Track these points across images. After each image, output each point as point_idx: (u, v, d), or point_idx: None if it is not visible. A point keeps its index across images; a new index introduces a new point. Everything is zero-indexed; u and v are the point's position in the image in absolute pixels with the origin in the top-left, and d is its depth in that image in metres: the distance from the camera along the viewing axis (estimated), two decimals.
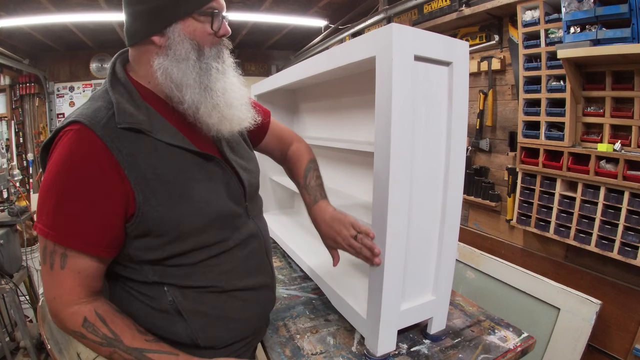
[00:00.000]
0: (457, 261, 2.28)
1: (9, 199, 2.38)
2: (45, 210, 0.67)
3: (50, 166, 0.67)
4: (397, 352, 1.03)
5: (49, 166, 0.68)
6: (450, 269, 1.07)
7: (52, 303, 0.70)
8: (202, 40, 0.74)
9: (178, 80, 0.72)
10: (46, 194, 0.67)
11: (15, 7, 2.83)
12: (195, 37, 0.73)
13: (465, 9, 2.18)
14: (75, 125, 0.67)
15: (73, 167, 0.66)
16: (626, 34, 1.45)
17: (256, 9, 3.27)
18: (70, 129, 0.67)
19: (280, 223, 2.01)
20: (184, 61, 0.72)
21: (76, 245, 0.67)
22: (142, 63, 0.75)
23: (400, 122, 0.85)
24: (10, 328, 2.24)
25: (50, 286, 0.69)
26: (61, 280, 0.68)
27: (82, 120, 0.67)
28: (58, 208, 0.66)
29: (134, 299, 0.77)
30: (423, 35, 0.87)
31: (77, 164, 0.66)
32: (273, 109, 2.02)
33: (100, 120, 0.68)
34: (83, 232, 0.67)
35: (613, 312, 1.71)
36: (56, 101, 4.33)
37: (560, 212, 1.84)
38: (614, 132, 1.66)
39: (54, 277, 0.68)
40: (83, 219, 0.67)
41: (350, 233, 0.92)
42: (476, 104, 2.35)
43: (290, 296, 1.39)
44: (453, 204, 1.01)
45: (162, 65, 0.72)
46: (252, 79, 4.30)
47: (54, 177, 0.66)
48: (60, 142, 0.67)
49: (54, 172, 0.66)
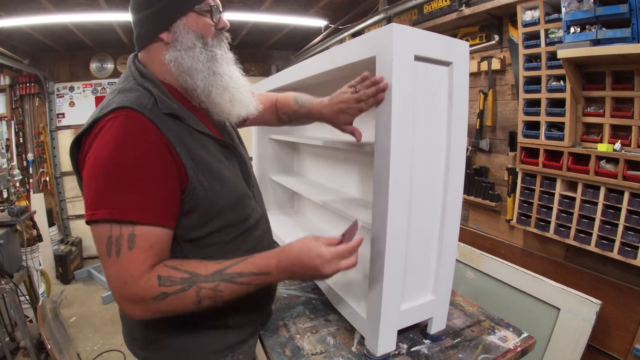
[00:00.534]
0: (457, 261, 2.28)
1: (9, 199, 2.38)
2: (108, 195, 0.67)
3: (100, 150, 0.68)
4: (397, 352, 1.03)
5: (97, 151, 0.68)
6: (450, 269, 1.07)
7: (125, 287, 0.67)
8: (204, 31, 0.81)
9: (188, 67, 0.79)
10: (105, 178, 0.67)
11: (15, 7, 2.83)
12: (197, 29, 0.80)
13: (465, 9, 2.18)
14: (122, 111, 0.70)
15: (132, 145, 0.68)
16: (626, 34, 1.45)
17: (256, 9, 3.26)
18: (118, 115, 0.69)
19: (280, 223, 2.01)
20: (191, 49, 0.79)
21: (148, 218, 0.68)
22: (154, 62, 0.81)
23: (401, 122, 0.85)
24: (10, 328, 2.24)
25: (118, 273, 0.67)
26: (131, 261, 0.67)
27: (130, 105, 0.70)
28: (122, 187, 0.67)
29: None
30: (423, 35, 0.88)
31: (135, 142, 0.68)
32: None
33: (146, 105, 0.73)
34: (153, 205, 0.68)
35: (613, 312, 1.71)
36: (56, 101, 4.32)
37: (560, 212, 1.84)
38: (614, 132, 1.66)
39: (122, 262, 0.67)
40: (150, 193, 0.68)
41: (350, 92, 0.91)
42: (476, 104, 2.35)
43: (290, 296, 1.39)
44: (453, 204, 1.01)
45: (173, 57, 0.79)
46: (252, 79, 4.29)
47: (112, 159, 0.67)
48: (108, 127, 0.68)
49: (109, 155, 0.67)
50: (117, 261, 0.67)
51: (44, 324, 2.03)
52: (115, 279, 0.68)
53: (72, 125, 4.40)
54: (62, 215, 4.46)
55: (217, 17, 0.83)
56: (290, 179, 2.00)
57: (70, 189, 4.48)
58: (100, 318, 3.11)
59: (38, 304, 2.19)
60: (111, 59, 4.38)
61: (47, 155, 4.30)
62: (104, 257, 0.68)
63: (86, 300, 3.43)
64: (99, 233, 0.68)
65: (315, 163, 2.04)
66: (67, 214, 4.49)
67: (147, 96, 0.75)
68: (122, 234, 0.67)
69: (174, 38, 0.78)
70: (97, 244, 0.69)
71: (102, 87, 4.42)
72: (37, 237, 2.64)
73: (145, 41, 0.81)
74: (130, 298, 0.68)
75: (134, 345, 0.88)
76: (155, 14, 0.77)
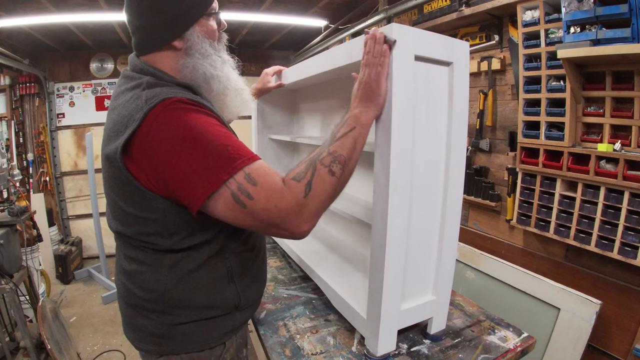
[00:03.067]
0: (457, 261, 2.28)
1: (9, 199, 2.38)
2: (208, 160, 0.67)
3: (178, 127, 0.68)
4: (397, 352, 1.03)
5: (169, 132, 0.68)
6: (451, 269, 1.07)
7: (279, 212, 0.68)
8: (212, 36, 0.86)
9: (204, 72, 0.83)
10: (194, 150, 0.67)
11: (15, 7, 2.83)
12: (208, 35, 0.84)
13: (465, 9, 2.18)
14: (168, 100, 0.70)
15: (200, 118, 0.70)
16: (626, 34, 1.45)
17: (256, 9, 3.26)
18: (167, 103, 0.70)
19: None
20: (209, 57, 0.83)
21: (247, 159, 0.70)
22: (164, 65, 0.83)
23: (401, 122, 0.85)
24: (10, 328, 2.24)
25: (265, 208, 0.67)
26: (263, 190, 0.68)
27: (173, 95, 0.71)
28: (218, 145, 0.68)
29: (199, 271, 0.83)
30: (423, 36, 0.88)
31: (201, 116, 0.71)
32: (273, 109, 2.03)
33: (184, 95, 0.74)
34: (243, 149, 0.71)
35: (613, 312, 1.71)
36: (56, 101, 4.32)
37: (560, 212, 1.84)
38: (614, 132, 1.66)
39: (258, 199, 0.67)
40: (233, 142, 0.71)
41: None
42: (476, 104, 2.35)
43: (290, 296, 1.39)
44: (453, 204, 1.01)
45: (190, 63, 0.82)
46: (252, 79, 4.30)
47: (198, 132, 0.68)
48: (165, 113, 0.69)
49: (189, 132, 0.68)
50: (254, 203, 0.67)
51: (44, 324, 2.03)
52: (267, 217, 0.68)
53: (72, 125, 4.40)
54: (62, 215, 4.46)
55: (219, 19, 0.87)
56: None
57: (70, 189, 4.47)
58: (100, 318, 3.10)
59: (38, 304, 2.19)
60: (111, 59, 4.38)
61: (47, 155, 4.30)
62: (242, 213, 0.68)
63: (86, 300, 3.43)
64: (225, 194, 0.68)
65: None
66: (67, 214, 4.49)
67: (175, 93, 0.74)
68: (239, 181, 0.67)
69: (188, 45, 0.81)
70: (226, 209, 0.69)
71: (102, 87, 4.42)
72: (37, 237, 2.64)
73: (154, 48, 0.82)
74: (290, 215, 0.68)
75: (145, 341, 0.88)
76: (167, 22, 0.79)
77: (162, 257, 0.81)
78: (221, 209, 0.69)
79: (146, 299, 0.83)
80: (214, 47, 0.85)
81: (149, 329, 0.85)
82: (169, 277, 0.81)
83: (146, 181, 0.71)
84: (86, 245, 4.40)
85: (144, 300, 0.84)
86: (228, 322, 0.90)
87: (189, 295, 0.83)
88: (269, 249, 1.92)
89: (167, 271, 0.81)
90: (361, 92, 0.82)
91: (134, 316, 0.88)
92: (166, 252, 0.80)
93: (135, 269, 0.83)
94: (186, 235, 0.79)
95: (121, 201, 0.77)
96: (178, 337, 0.85)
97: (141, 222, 0.77)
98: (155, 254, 0.81)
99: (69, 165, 4.44)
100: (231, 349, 0.93)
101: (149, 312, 0.84)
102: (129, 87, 0.78)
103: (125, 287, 0.86)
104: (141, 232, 0.79)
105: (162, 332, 0.85)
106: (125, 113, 0.72)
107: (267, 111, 2.03)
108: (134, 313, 0.87)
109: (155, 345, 0.86)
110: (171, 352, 0.86)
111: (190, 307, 0.84)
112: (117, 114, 0.75)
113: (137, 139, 0.69)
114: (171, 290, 0.81)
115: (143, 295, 0.83)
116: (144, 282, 0.82)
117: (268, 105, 2.02)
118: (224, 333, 0.90)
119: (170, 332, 0.85)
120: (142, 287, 0.83)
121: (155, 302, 0.83)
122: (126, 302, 0.88)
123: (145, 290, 0.83)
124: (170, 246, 0.79)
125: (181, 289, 0.82)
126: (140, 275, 0.83)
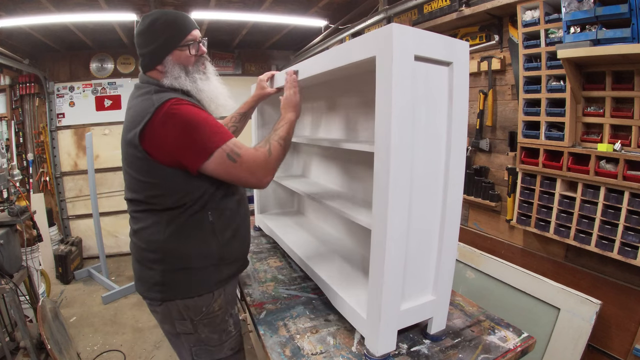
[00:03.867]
0: (457, 261, 2.28)
1: (9, 199, 2.38)
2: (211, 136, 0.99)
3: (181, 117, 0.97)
4: (397, 352, 1.04)
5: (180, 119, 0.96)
6: (450, 269, 1.07)
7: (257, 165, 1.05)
8: (186, 62, 1.12)
9: (184, 88, 1.11)
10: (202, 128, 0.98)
11: (15, 7, 2.83)
12: (180, 62, 1.11)
13: (465, 9, 2.18)
14: (172, 99, 0.99)
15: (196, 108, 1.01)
16: (626, 34, 1.45)
17: (256, 9, 3.26)
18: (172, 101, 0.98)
19: (280, 223, 2.01)
20: (178, 78, 1.10)
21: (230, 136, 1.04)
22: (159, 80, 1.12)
23: (401, 122, 0.85)
24: (10, 328, 2.24)
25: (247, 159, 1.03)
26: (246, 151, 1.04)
27: (175, 96, 1.01)
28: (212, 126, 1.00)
29: (188, 224, 1.07)
30: (423, 36, 0.88)
31: (196, 107, 1.02)
32: (273, 109, 2.04)
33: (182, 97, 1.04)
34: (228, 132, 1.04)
35: (613, 312, 1.71)
36: (56, 101, 4.31)
37: (560, 212, 1.84)
38: (614, 132, 1.66)
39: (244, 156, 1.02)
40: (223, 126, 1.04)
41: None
42: (476, 104, 2.35)
43: (290, 296, 1.39)
44: (453, 204, 1.01)
45: (168, 82, 1.10)
46: (252, 79, 4.29)
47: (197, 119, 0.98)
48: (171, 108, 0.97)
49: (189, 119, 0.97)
50: (241, 158, 1.02)
51: (44, 324, 2.03)
52: (249, 167, 1.03)
53: (72, 125, 4.40)
54: (62, 215, 4.46)
55: (196, 49, 1.12)
56: (291, 179, 2.01)
57: (70, 189, 4.48)
58: (100, 318, 3.10)
59: (38, 304, 2.19)
60: (111, 59, 4.38)
61: (47, 155, 4.30)
62: (231, 166, 1.01)
63: (86, 300, 3.43)
64: (219, 155, 0.99)
65: (315, 163, 2.04)
66: (67, 214, 4.49)
67: (178, 94, 1.06)
68: (230, 146, 1.01)
69: (166, 70, 1.10)
70: (220, 165, 1.00)
71: (102, 87, 4.42)
72: (37, 237, 2.63)
73: (149, 68, 1.12)
74: (261, 166, 1.05)
75: (151, 290, 1.11)
76: (153, 52, 1.09)
77: (161, 214, 1.06)
78: (216, 165, 1.00)
79: (149, 250, 1.08)
80: (186, 70, 1.12)
81: (154, 278, 1.09)
82: (166, 230, 1.06)
83: (155, 155, 0.98)
84: (86, 245, 4.40)
85: (147, 251, 1.09)
86: (214, 273, 1.13)
87: (181, 245, 1.07)
88: (269, 249, 1.92)
89: (164, 226, 1.06)
90: (286, 103, 1.26)
91: (141, 270, 1.12)
92: (165, 211, 1.05)
93: (140, 226, 1.09)
94: (181, 196, 1.04)
95: (135, 173, 1.03)
96: (175, 284, 1.09)
97: (149, 186, 1.03)
98: (156, 213, 1.06)
99: (69, 165, 4.44)
100: (219, 299, 1.14)
101: (152, 262, 1.08)
102: (141, 93, 1.06)
103: (135, 244, 1.12)
104: (148, 195, 1.05)
105: (163, 279, 1.08)
106: (140, 110, 1.00)
107: (266, 111, 2.04)
108: (141, 267, 1.12)
109: (158, 293, 1.10)
110: (169, 299, 1.09)
111: (182, 256, 1.08)
112: (134, 111, 1.02)
113: (151, 126, 0.97)
114: (168, 241, 1.06)
115: (146, 247, 1.08)
116: (148, 236, 1.07)
117: (268, 105, 2.02)
118: (213, 283, 1.13)
119: (168, 279, 1.08)
120: (146, 241, 1.08)
121: (156, 252, 1.07)
122: (136, 259, 1.13)
123: (148, 242, 1.08)
124: (168, 205, 1.04)
125: (175, 240, 1.06)
126: (144, 230, 1.08)
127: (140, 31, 1.10)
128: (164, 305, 1.11)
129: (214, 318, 1.14)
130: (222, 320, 1.16)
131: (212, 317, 1.14)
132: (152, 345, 2.69)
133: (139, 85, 1.12)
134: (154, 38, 1.08)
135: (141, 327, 2.92)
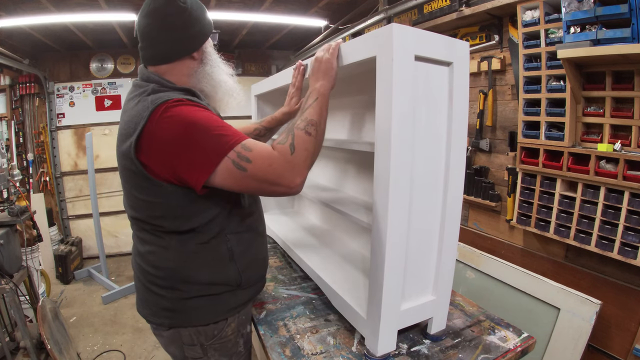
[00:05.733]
0: (457, 261, 2.28)
1: (9, 199, 2.38)
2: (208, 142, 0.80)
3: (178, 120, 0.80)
4: (397, 352, 1.03)
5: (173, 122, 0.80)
6: (451, 269, 1.07)
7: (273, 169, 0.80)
8: (213, 49, 1.02)
9: (217, 79, 1.01)
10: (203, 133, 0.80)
11: (15, 7, 2.83)
12: (213, 48, 1.02)
13: (465, 9, 2.18)
14: (169, 101, 0.83)
15: (197, 108, 0.85)
16: (626, 34, 1.45)
17: (256, 9, 3.26)
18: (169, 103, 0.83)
19: (280, 223, 2.01)
20: (217, 66, 1.00)
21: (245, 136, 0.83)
22: (174, 74, 0.96)
23: (401, 122, 0.85)
24: (10, 328, 2.24)
25: (263, 166, 0.80)
26: (259, 154, 0.80)
27: (173, 97, 0.85)
28: (215, 128, 0.81)
29: (203, 251, 0.94)
30: (423, 35, 0.88)
31: (197, 108, 0.85)
32: (273, 109, 2.03)
33: (182, 96, 0.88)
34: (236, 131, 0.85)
35: (613, 312, 1.71)
36: (56, 101, 4.31)
37: (560, 212, 1.84)
38: (614, 132, 1.66)
39: (256, 161, 0.79)
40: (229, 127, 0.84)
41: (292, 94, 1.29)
42: (476, 104, 2.35)
43: (290, 296, 1.39)
44: (453, 204, 1.01)
45: (204, 71, 0.98)
46: (252, 79, 4.29)
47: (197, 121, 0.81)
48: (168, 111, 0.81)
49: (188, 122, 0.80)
50: (252, 165, 0.79)
51: (44, 324, 2.03)
52: (265, 175, 0.80)
53: (72, 125, 4.40)
54: (62, 215, 4.46)
55: (215, 38, 1.03)
56: None
57: (70, 189, 4.47)
58: (100, 318, 3.10)
59: (38, 304, 2.19)
60: (111, 59, 4.38)
61: (47, 155, 4.30)
62: (242, 177, 0.80)
63: (86, 300, 3.43)
64: (225, 167, 0.80)
65: (315, 163, 2.04)
66: (67, 214, 4.49)
67: (178, 93, 0.89)
68: (237, 151, 0.80)
69: (203, 56, 0.98)
70: (228, 177, 0.81)
71: (102, 87, 4.42)
72: (37, 237, 2.63)
73: (174, 58, 0.95)
74: (283, 171, 0.81)
75: (158, 315, 0.99)
76: (189, 37, 0.94)
77: (169, 238, 0.93)
78: (224, 177, 0.81)
79: (158, 277, 0.95)
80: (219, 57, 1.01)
81: (162, 304, 0.97)
82: (177, 257, 0.93)
83: (154, 168, 0.83)
84: (86, 245, 4.40)
85: (156, 277, 0.96)
86: (231, 299, 1.01)
87: (195, 272, 0.94)
88: (269, 249, 1.92)
89: (174, 251, 0.93)
90: (316, 68, 1.00)
91: (148, 293, 0.99)
92: (172, 234, 0.92)
93: (147, 249, 0.96)
94: (188, 218, 0.90)
95: (134, 189, 0.89)
96: (187, 311, 0.97)
97: (149, 206, 0.89)
98: (163, 235, 0.93)
99: (69, 165, 4.44)
100: (233, 324, 1.04)
101: (161, 288, 0.96)
102: (137, 94, 0.90)
103: (140, 267, 0.99)
104: (150, 216, 0.92)
105: (174, 306, 0.96)
106: (134, 114, 0.85)
107: (266, 111, 2.03)
108: (148, 290, 0.99)
109: (167, 319, 0.98)
110: (180, 325, 0.98)
111: (196, 283, 0.95)
112: (128, 115, 0.88)
113: (146, 134, 0.81)
114: (179, 268, 0.94)
115: (155, 273, 0.96)
116: (155, 261, 0.95)
117: (268, 106, 2.02)
118: (228, 309, 1.01)
119: (180, 306, 0.96)
120: (154, 266, 0.95)
121: (166, 279, 0.95)
122: (141, 281, 1.00)
123: (156, 269, 0.95)
124: (175, 228, 0.91)
125: (187, 267, 0.94)
126: (151, 255, 0.95)
127: (170, 12, 0.91)
128: (173, 331, 1.00)
129: (226, 343, 1.04)
130: (234, 343, 1.06)
131: (224, 342, 1.03)
132: (152, 345, 2.69)
133: (138, 82, 0.96)
134: (192, 20, 0.93)
135: (141, 327, 2.92)
